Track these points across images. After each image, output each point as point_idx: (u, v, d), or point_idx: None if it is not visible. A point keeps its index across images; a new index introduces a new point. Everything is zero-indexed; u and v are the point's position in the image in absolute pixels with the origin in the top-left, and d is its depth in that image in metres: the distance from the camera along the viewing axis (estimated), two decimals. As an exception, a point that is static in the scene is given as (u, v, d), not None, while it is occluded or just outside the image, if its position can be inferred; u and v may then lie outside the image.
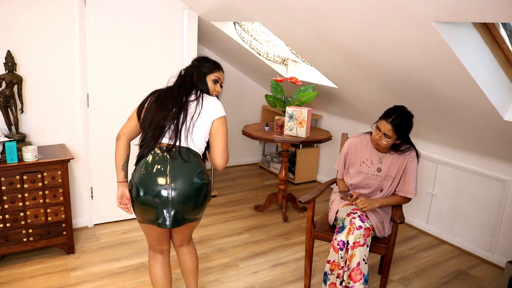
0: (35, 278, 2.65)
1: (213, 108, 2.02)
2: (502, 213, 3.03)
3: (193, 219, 2.01)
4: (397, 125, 2.32)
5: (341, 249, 2.27)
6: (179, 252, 2.21)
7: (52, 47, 2.95)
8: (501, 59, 2.28)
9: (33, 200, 2.74)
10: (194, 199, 1.92)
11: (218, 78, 2.10)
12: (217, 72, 2.11)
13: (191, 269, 2.23)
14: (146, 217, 1.94)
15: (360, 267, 2.22)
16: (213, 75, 2.08)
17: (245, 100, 5.08)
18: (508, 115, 2.47)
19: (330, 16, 2.38)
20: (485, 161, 3.12)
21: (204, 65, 2.09)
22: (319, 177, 4.82)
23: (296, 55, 3.83)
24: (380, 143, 2.40)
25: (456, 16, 1.79)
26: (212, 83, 2.08)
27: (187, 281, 2.26)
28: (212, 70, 2.09)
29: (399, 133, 2.34)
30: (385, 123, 2.34)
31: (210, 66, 2.10)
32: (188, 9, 3.42)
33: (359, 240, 2.23)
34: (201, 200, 1.96)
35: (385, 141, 2.37)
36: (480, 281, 2.90)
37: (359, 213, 2.34)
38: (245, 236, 3.38)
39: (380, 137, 2.38)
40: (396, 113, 2.34)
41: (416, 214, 3.67)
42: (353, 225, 2.27)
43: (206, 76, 2.07)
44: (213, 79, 2.08)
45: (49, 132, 3.07)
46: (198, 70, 2.07)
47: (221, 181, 4.63)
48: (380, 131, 2.37)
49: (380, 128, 2.37)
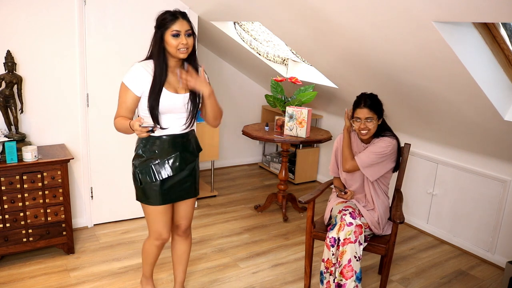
0: (34, 278, 2.65)
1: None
2: (503, 213, 3.03)
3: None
4: (371, 105, 2.43)
5: (333, 246, 2.30)
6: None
7: (52, 47, 2.95)
8: (501, 59, 2.28)
9: (33, 200, 2.74)
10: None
11: (176, 31, 1.87)
12: (173, 24, 1.87)
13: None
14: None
15: (352, 264, 2.22)
16: (170, 30, 1.87)
17: (245, 100, 5.08)
18: (508, 115, 2.47)
19: (330, 16, 2.38)
20: (485, 161, 3.12)
21: (158, 23, 1.90)
22: (319, 177, 4.82)
23: (296, 55, 3.83)
24: (368, 130, 2.45)
25: (456, 16, 1.79)
26: (172, 39, 1.88)
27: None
28: (165, 26, 1.88)
29: (376, 111, 2.45)
30: (361, 110, 2.45)
31: (161, 22, 1.89)
32: (188, 9, 3.42)
33: (349, 237, 2.24)
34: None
35: (370, 124, 2.44)
36: (480, 281, 2.90)
37: (351, 210, 2.37)
38: (245, 236, 3.37)
39: (364, 124, 2.44)
40: (362, 98, 2.48)
41: (416, 214, 3.66)
42: (344, 222, 2.29)
43: (164, 34, 1.89)
44: (171, 34, 1.88)
45: (49, 132, 3.07)
46: (155, 32, 1.92)
47: (221, 181, 4.63)
48: (361, 119, 2.44)
49: (359, 116, 2.45)
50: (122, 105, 1.97)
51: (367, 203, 2.54)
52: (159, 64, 1.93)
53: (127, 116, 1.98)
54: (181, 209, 2.23)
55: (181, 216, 2.24)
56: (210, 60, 4.71)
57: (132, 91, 1.94)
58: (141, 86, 1.94)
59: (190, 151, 2.11)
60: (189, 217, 2.27)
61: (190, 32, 1.92)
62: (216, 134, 4.02)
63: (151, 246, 2.21)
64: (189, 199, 2.21)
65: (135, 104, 1.99)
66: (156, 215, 2.11)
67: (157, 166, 2.02)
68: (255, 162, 5.37)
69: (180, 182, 2.11)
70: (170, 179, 2.07)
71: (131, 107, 1.98)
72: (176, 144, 2.05)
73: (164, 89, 1.95)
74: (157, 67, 1.94)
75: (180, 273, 2.40)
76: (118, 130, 2.00)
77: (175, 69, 2.01)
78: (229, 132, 5.02)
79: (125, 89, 1.95)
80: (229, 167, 5.13)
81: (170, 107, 1.98)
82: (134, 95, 1.95)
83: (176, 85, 2.00)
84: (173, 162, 2.04)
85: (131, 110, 1.99)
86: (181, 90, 2.00)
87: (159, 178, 2.03)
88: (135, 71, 1.95)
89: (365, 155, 2.47)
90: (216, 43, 4.34)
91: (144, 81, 1.94)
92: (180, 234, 2.30)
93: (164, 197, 2.07)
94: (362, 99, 2.47)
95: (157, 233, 2.15)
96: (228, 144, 5.07)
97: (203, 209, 3.85)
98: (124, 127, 1.93)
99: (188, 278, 2.74)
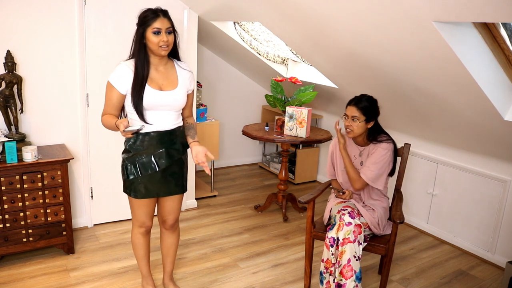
0: (34, 278, 2.65)
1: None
2: (503, 213, 3.03)
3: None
4: (362, 106, 2.44)
5: (332, 246, 2.30)
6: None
7: (52, 47, 2.95)
8: (501, 59, 2.28)
9: (32, 200, 2.74)
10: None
11: (156, 29, 1.91)
12: (153, 22, 1.90)
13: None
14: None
15: (351, 264, 2.23)
16: (151, 27, 1.91)
17: (245, 100, 5.08)
18: (508, 115, 2.47)
19: (330, 16, 2.38)
20: (486, 161, 3.12)
21: (139, 21, 1.94)
22: (319, 177, 4.81)
23: (296, 55, 3.83)
24: (352, 129, 2.46)
25: (456, 16, 1.79)
26: (153, 36, 1.92)
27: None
28: (146, 23, 1.91)
29: (365, 112, 2.44)
30: (350, 107, 2.48)
31: (142, 20, 1.93)
32: (188, 9, 3.42)
33: (348, 237, 2.24)
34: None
35: (355, 125, 2.45)
36: (480, 281, 2.90)
37: (349, 209, 2.37)
38: (245, 236, 3.37)
39: (349, 122, 2.47)
40: (356, 97, 2.51)
41: (416, 214, 3.66)
42: (342, 221, 2.29)
43: (145, 31, 1.93)
44: (152, 32, 1.92)
45: (49, 132, 3.07)
46: (137, 29, 1.97)
47: (221, 181, 4.63)
48: (348, 117, 2.46)
49: (347, 113, 2.48)
50: (108, 102, 2.04)
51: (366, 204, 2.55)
52: (140, 61, 1.98)
53: (113, 114, 2.06)
54: (167, 205, 2.28)
55: (167, 212, 2.30)
56: (210, 60, 4.71)
57: (117, 89, 2.00)
58: (126, 84, 2.00)
59: (176, 148, 2.15)
60: (176, 212, 2.33)
61: (171, 29, 1.97)
62: (216, 134, 4.02)
63: (137, 235, 2.29)
64: (176, 195, 2.25)
65: (121, 102, 2.05)
66: (139, 207, 2.21)
67: (143, 161, 2.09)
68: (255, 162, 5.37)
69: (166, 178, 2.16)
70: (156, 175, 2.12)
71: (117, 104, 2.04)
72: (162, 141, 2.10)
73: (148, 86, 2.00)
74: (139, 64, 1.98)
75: (169, 263, 2.49)
76: (105, 127, 2.08)
77: (158, 66, 2.05)
78: (229, 132, 5.02)
79: (111, 87, 2.01)
80: (229, 167, 5.13)
81: (154, 104, 2.03)
82: (119, 93, 2.01)
83: (160, 82, 2.04)
84: (159, 158, 2.10)
85: (117, 108, 2.06)
86: (166, 87, 2.05)
87: (144, 173, 2.10)
88: (119, 70, 2.00)
89: (369, 170, 2.46)
90: (216, 43, 4.34)
91: (129, 79, 1.99)
92: (167, 228, 2.38)
93: (148, 192, 2.15)
94: (354, 98, 2.51)
95: (139, 221, 2.25)
96: (228, 144, 5.07)
97: (203, 209, 3.85)
98: (110, 125, 2.02)
99: (188, 278, 2.74)
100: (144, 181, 2.12)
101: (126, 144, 2.14)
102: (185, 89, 2.13)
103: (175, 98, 2.06)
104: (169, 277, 2.53)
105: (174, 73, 2.10)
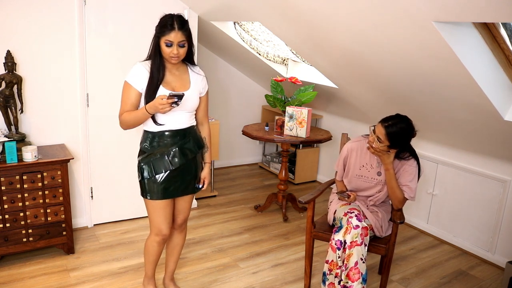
0: (34, 278, 2.65)
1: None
2: (503, 213, 3.03)
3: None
4: (391, 132, 2.27)
5: (339, 249, 2.28)
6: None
7: (52, 47, 2.95)
8: (501, 59, 2.28)
9: (32, 200, 2.74)
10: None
11: (168, 41, 1.97)
12: (167, 34, 1.97)
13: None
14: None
15: (358, 267, 2.22)
16: (164, 38, 1.98)
17: (245, 100, 5.08)
18: (508, 115, 2.47)
19: (330, 16, 2.38)
20: (485, 161, 3.12)
21: (157, 28, 2.01)
22: (319, 177, 4.81)
23: (296, 55, 3.83)
24: (373, 146, 2.36)
25: (456, 16, 1.79)
26: (165, 47, 2.00)
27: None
28: (161, 33, 1.99)
29: (391, 140, 2.28)
30: (380, 126, 2.32)
31: (159, 28, 2.00)
32: (188, 9, 3.42)
33: (356, 240, 2.24)
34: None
35: (376, 144, 2.33)
36: (480, 281, 2.90)
37: (356, 212, 2.35)
38: (245, 236, 3.37)
39: (373, 139, 2.35)
40: (394, 120, 2.31)
41: (416, 214, 3.66)
42: (350, 225, 2.28)
43: (159, 40, 2.00)
44: (164, 43, 1.98)
45: (49, 132, 3.07)
46: (154, 35, 2.04)
47: (221, 181, 4.63)
48: (374, 134, 2.35)
49: (376, 130, 2.34)
50: (126, 101, 2.07)
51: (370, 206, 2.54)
52: (156, 65, 2.06)
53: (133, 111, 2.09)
54: (179, 204, 2.30)
55: (178, 211, 2.32)
56: (210, 60, 4.71)
57: (135, 88, 2.05)
58: (142, 83, 2.06)
59: (190, 147, 2.17)
60: (186, 212, 2.35)
61: (184, 43, 2.01)
62: (216, 134, 4.02)
63: (152, 243, 2.28)
64: (188, 195, 2.28)
65: (139, 100, 2.09)
66: (156, 210, 2.18)
67: (157, 161, 2.11)
68: (255, 162, 5.37)
69: (181, 177, 2.18)
70: (170, 174, 2.13)
71: (135, 102, 2.08)
72: (176, 140, 2.12)
73: (162, 87, 2.05)
74: (154, 68, 2.05)
75: (172, 263, 2.50)
76: (127, 124, 2.09)
77: (172, 69, 2.12)
78: (229, 132, 5.02)
79: (128, 87, 2.06)
80: (229, 167, 5.13)
81: None
82: (137, 91, 2.06)
83: (173, 84, 2.10)
84: (172, 157, 2.12)
85: (136, 106, 2.09)
86: (178, 89, 2.10)
87: (159, 172, 2.11)
88: (136, 69, 2.07)
89: (408, 189, 2.40)
90: (216, 43, 4.34)
91: (145, 78, 2.06)
92: (175, 228, 2.38)
93: (164, 192, 2.15)
94: (391, 120, 2.31)
95: (157, 228, 2.22)
96: (228, 144, 5.07)
97: (203, 209, 3.85)
98: (135, 117, 2.04)
99: (188, 278, 2.74)
100: (159, 182, 2.12)
101: (142, 144, 2.16)
102: (197, 91, 2.17)
103: (187, 99, 2.09)
104: (169, 277, 2.54)
105: (187, 76, 2.16)
